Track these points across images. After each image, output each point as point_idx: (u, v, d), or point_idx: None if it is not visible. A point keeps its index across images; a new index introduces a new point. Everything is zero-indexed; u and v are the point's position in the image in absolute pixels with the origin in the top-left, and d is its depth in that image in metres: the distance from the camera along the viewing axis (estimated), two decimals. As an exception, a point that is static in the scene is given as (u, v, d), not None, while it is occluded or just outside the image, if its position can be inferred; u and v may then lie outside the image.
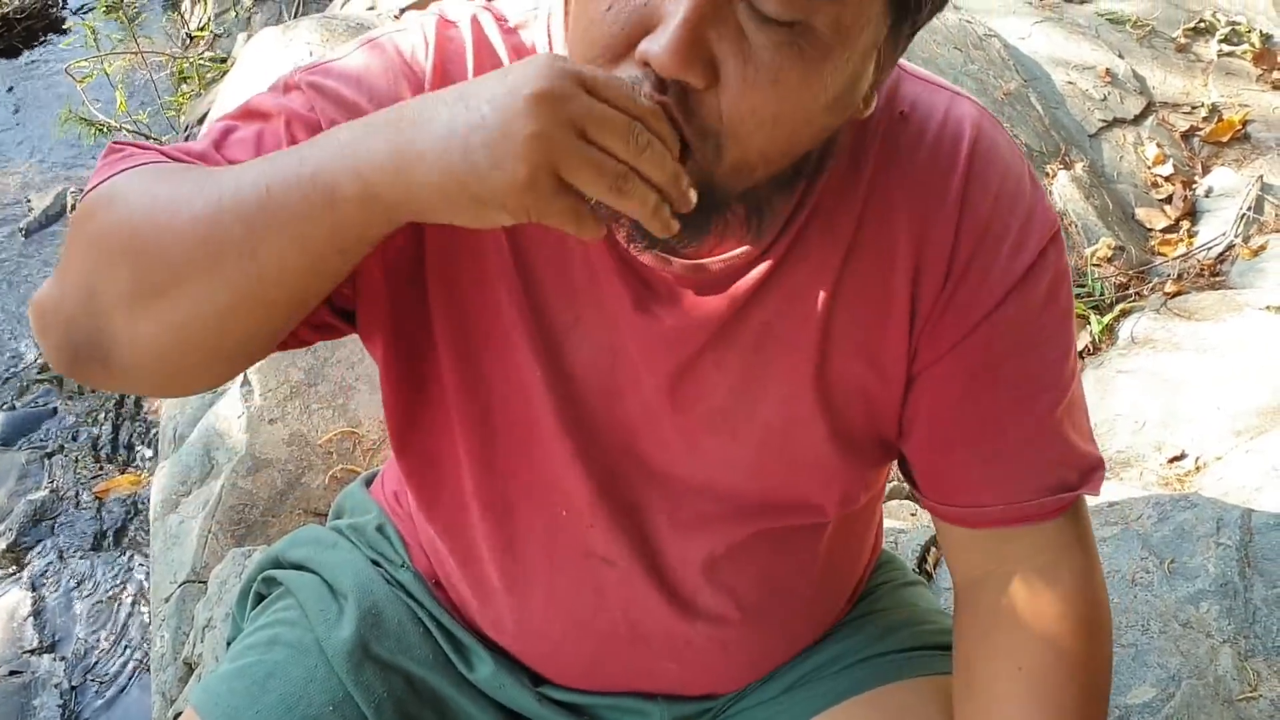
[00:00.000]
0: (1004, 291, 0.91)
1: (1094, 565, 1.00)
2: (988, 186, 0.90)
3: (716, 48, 0.73)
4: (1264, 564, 1.72)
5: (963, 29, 3.35)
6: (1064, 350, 0.95)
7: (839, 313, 0.92)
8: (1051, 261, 0.92)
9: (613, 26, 0.75)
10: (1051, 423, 0.95)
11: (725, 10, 0.73)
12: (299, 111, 0.86)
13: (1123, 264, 2.90)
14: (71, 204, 4.08)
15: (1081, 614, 0.97)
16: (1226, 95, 3.50)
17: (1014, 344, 0.93)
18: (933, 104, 0.92)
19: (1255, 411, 2.30)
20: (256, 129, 0.86)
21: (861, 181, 0.90)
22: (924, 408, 0.96)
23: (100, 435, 3.18)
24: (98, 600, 2.68)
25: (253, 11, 4.81)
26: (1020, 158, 0.94)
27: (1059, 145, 3.14)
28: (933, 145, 0.90)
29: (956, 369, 0.93)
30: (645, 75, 0.74)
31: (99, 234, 0.79)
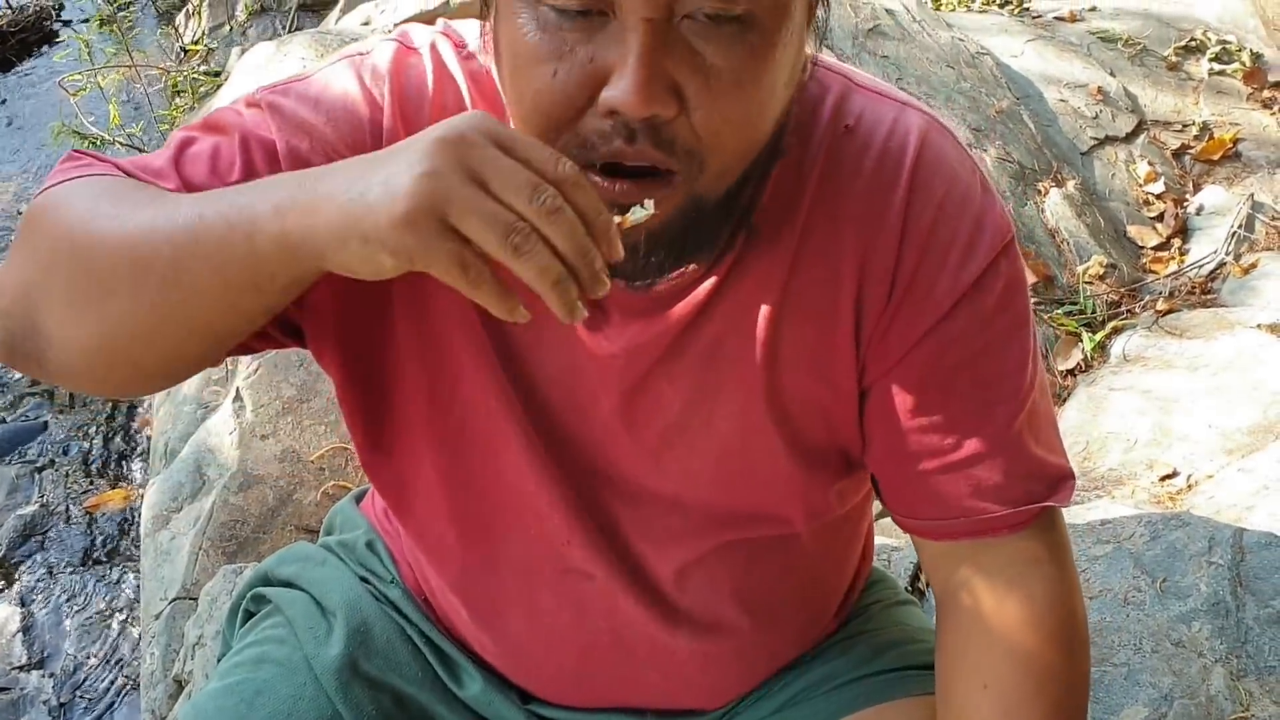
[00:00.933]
0: (952, 302, 0.90)
1: (1069, 577, 0.99)
2: (931, 196, 0.90)
3: (675, 74, 0.73)
4: (1256, 583, 1.72)
5: (955, 47, 3.37)
6: (1019, 361, 0.94)
7: (786, 327, 0.92)
8: (1003, 270, 0.91)
9: (565, 88, 0.75)
10: (1010, 435, 0.94)
11: (673, 35, 0.73)
12: (255, 131, 0.87)
13: (1114, 281, 2.91)
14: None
15: (1052, 627, 0.96)
16: (1217, 114, 3.51)
17: (966, 355, 0.92)
18: (879, 116, 0.92)
19: (1247, 430, 2.31)
20: (213, 143, 0.87)
21: (805, 196, 0.90)
22: (879, 421, 0.96)
23: (91, 450, 3.17)
24: (87, 616, 2.67)
25: (247, 26, 4.82)
26: (971, 166, 0.93)
27: (1051, 163, 3.15)
28: (878, 158, 0.90)
29: (906, 382, 0.93)
30: (614, 126, 0.74)
31: (40, 237, 0.81)
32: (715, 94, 0.75)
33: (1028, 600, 0.96)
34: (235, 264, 0.73)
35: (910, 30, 3.39)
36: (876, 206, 0.90)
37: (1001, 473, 0.94)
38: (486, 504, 1.00)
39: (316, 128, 0.87)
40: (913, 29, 3.40)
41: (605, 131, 0.75)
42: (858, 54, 3.21)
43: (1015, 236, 0.94)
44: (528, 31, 0.75)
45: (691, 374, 0.93)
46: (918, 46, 3.32)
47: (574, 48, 0.74)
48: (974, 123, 3.11)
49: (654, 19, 0.72)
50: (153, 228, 0.75)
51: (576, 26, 0.74)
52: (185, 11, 5.09)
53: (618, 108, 0.73)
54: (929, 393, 0.93)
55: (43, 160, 4.47)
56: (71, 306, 0.78)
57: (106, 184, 0.82)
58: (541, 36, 0.75)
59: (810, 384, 0.95)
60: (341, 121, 0.88)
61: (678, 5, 0.72)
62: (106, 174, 0.84)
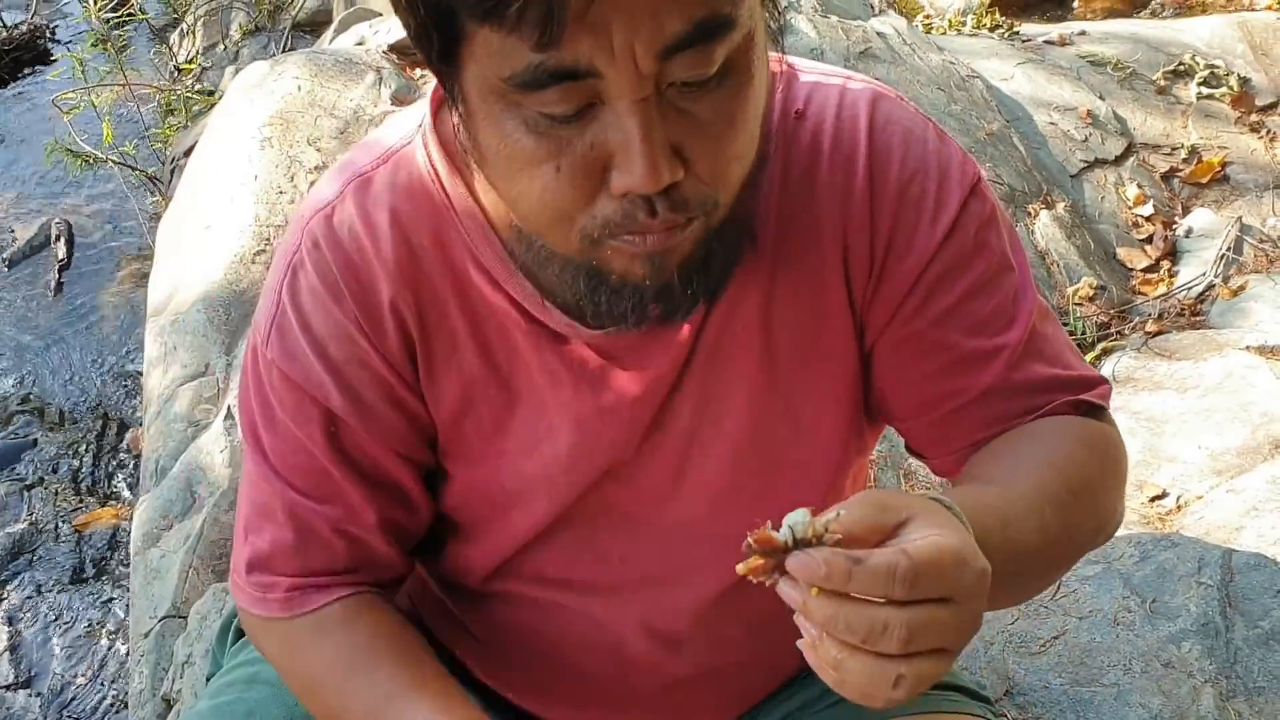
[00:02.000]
0: (931, 251, 0.93)
1: (1117, 432, 0.99)
2: (891, 158, 0.93)
3: (674, 138, 0.75)
4: (1245, 604, 1.73)
5: (946, 70, 3.39)
6: (1009, 293, 0.96)
7: (777, 314, 0.94)
8: (975, 211, 0.94)
9: (572, 181, 0.76)
10: (1014, 362, 0.94)
11: (664, 105, 0.74)
12: (297, 406, 0.95)
13: (1104, 303, 2.92)
14: (56, 234, 4.07)
15: (1091, 438, 0.95)
16: (1206, 137, 3.54)
17: (953, 298, 0.94)
18: (826, 94, 0.94)
19: (1236, 451, 2.32)
20: (283, 449, 0.97)
21: (770, 187, 0.92)
22: (889, 377, 0.98)
23: (81, 467, 3.17)
24: (76, 635, 2.66)
25: (241, 45, 4.84)
26: (922, 120, 0.96)
27: (1041, 185, 3.17)
28: (833, 135, 0.93)
29: (904, 333, 0.95)
30: (631, 203, 0.76)
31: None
32: (714, 142, 0.77)
33: (1073, 425, 0.95)
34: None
35: (901, 53, 3.42)
36: (842, 180, 0.92)
37: (1020, 400, 0.95)
38: (495, 553, 1.04)
39: (324, 350, 0.94)
40: (904, 52, 3.43)
41: (626, 209, 0.77)
42: (849, 76, 3.23)
43: (981, 175, 0.96)
44: (519, 137, 0.76)
45: (698, 378, 0.95)
46: (909, 69, 3.34)
47: (571, 141, 0.75)
48: (964, 145, 3.12)
49: (647, 98, 0.73)
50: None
51: (569, 122, 0.75)
52: (179, 31, 5.10)
53: (635, 191, 0.75)
54: (926, 339, 0.95)
55: (35, 178, 4.47)
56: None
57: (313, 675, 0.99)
58: (536, 139, 0.75)
59: (809, 364, 0.97)
60: (330, 336, 0.94)
61: (662, 77, 0.73)
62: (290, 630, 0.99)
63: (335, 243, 0.94)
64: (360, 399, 0.94)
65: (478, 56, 0.74)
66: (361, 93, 2.95)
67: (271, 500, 0.98)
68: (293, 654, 0.99)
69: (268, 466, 0.98)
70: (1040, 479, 0.89)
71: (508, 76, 0.72)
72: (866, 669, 0.66)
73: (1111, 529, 1.00)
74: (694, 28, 0.71)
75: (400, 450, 0.97)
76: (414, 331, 0.94)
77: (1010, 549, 0.80)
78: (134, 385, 3.37)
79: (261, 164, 2.74)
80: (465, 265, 0.93)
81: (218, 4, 4.97)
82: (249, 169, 2.74)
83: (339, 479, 0.96)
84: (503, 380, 0.96)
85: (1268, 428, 2.34)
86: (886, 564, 0.65)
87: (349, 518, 0.97)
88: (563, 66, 0.71)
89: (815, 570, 0.65)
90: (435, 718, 0.91)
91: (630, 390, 0.95)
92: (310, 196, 0.98)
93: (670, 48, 0.71)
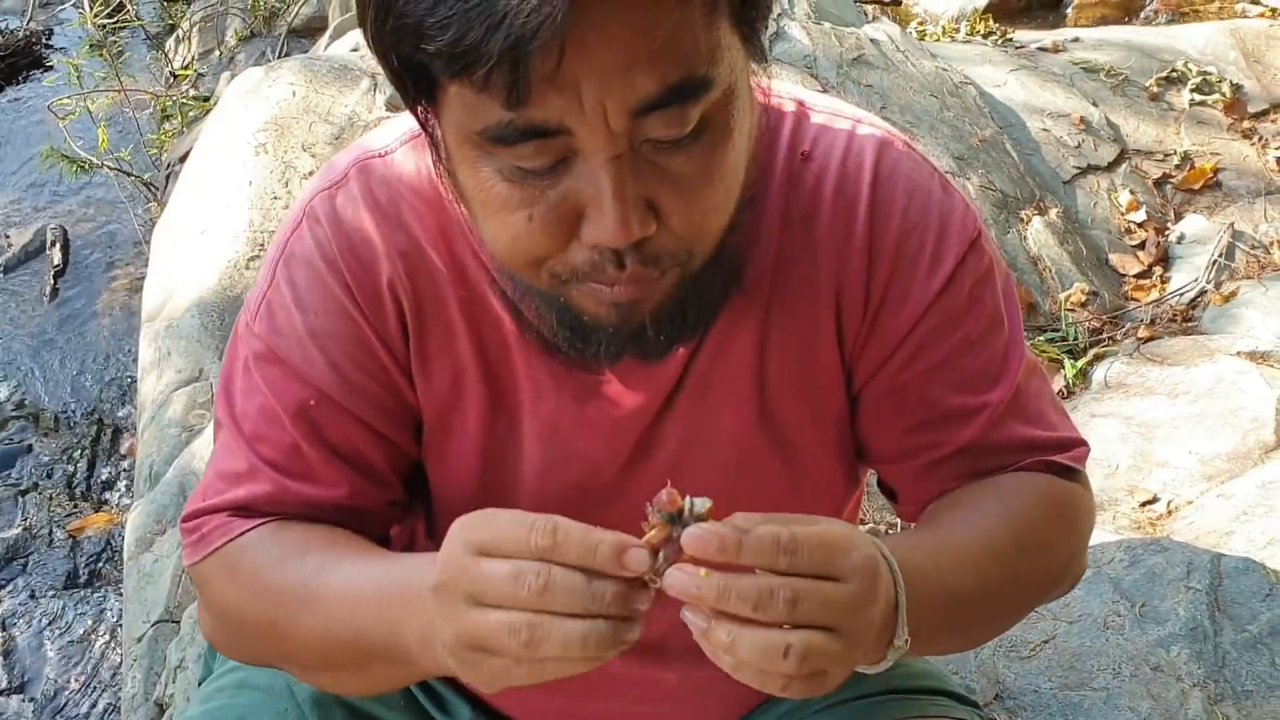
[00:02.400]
0: (925, 305, 0.93)
1: (1088, 493, 1.00)
2: (893, 209, 0.93)
3: (646, 193, 0.75)
4: (1233, 608, 1.73)
5: (939, 77, 3.40)
6: (998, 350, 0.96)
7: (770, 351, 0.95)
8: (972, 267, 0.94)
9: (544, 229, 0.77)
10: (995, 421, 0.95)
11: (637, 161, 0.74)
12: (276, 379, 0.95)
13: (1096, 309, 2.93)
14: (51, 239, 4.08)
15: (1053, 496, 0.96)
16: (1198, 144, 3.55)
17: (942, 353, 0.94)
18: (834, 138, 0.94)
19: (1226, 456, 2.33)
20: (257, 417, 0.96)
21: (771, 225, 0.92)
22: (871, 425, 0.98)
23: (75, 473, 3.17)
24: (69, 640, 2.66)
25: (236, 51, 4.84)
26: (929, 171, 0.96)
27: (1033, 191, 3.18)
28: (837, 179, 0.93)
29: (890, 384, 0.96)
30: (600, 255, 0.77)
31: (245, 633, 0.98)
32: (687, 197, 0.77)
33: (1038, 480, 0.97)
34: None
35: (894, 60, 3.43)
36: (843, 226, 0.92)
37: (998, 457, 0.96)
38: None
39: (312, 324, 0.93)
40: (897, 59, 3.44)
41: (595, 261, 0.77)
42: (842, 83, 3.25)
43: (982, 230, 0.96)
44: (493, 184, 0.76)
45: (685, 408, 0.96)
46: (902, 76, 3.35)
47: (544, 191, 0.76)
48: (957, 151, 3.14)
49: (620, 155, 0.73)
50: (326, 643, 0.88)
51: (544, 174, 0.75)
52: (175, 37, 5.11)
53: (604, 244, 0.76)
54: (910, 393, 0.95)
55: (30, 183, 4.48)
56: (305, 674, 0.96)
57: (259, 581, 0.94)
58: (510, 187, 0.76)
59: (801, 404, 0.97)
60: (321, 308, 0.93)
61: (635, 135, 0.73)
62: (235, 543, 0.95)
63: (337, 221, 0.93)
64: (347, 376, 0.94)
65: (453, 105, 0.74)
66: (356, 99, 2.96)
67: (237, 467, 0.96)
68: (230, 579, 0.95)
69: (239, 435, 0.96)
70: (988, 531, 0.91)
71: (480, 130, 0.73)
72: (757, 641, 0.69)
73: (1068, 584, 1.01)
74: (668, 90, 0.71)
75: (380, 429, 0.96)
76: (410, 317, 0.94)
77: (946, 593, 0.83)
78: (128, 390, 3.37)
79: (256, 169, 2.75)
80: (466, 259, 0.93)
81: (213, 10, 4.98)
82: (244, 174, 2.75)
83: (309, 454, 0.95)
84: (492, 379, 0.96)
85: (1258, 433, 2.35)
86: (771, 532, 0.69)
87: (316, 495, 0.96)
88: (533, 124, 0.71)
89: (709, 543, 0.68)
90: (357, 572, 0.88)
91: (613, 410, 0.95)
92: (311, 183, 0.98)
93: (643, 107, 0.71)
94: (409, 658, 0.82)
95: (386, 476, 0.98)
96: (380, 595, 0.84)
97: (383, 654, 0.84)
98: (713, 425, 0.96)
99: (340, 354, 0.94)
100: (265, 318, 0.95)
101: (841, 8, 4.07)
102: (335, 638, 0.87)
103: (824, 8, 3.81)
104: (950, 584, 0.85)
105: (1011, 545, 0.91)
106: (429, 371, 0.95)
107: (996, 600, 0.92)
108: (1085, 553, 1.02)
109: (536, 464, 0.97)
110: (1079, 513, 0.99)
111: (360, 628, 0.85)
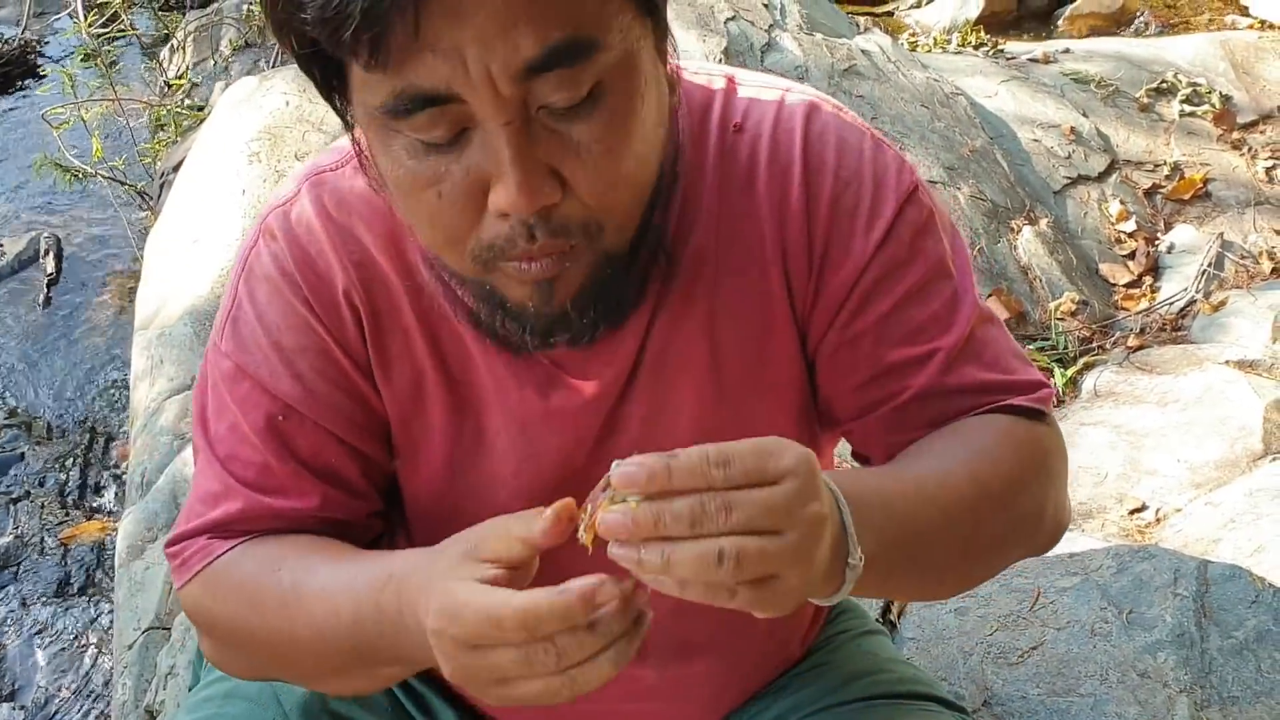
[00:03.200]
0: (867, 258, 0.94)
1: (1057, 435, 0.99)
2: (825, 167, 0.94)
3: (549, 160, 0.77)
4: (1220, 614, 1.74)
5: (930, 87, 3.42)
6: (946, 298, 0.96)
7: (723, 324, 0.96)
8: (910, 219, 0.95)
9: (454, 205, 0.79)
10: (948, 365, 0.95)
11: (536, 127, 0.76)
12: (245, 396, 0.96)
13: (1086, 318, 2.95)
14: (45, 248, 4.08)
15: (1016, 434, 0.95)
16: (1188, 154, 3.57)
17: (888, 304, 0.95)
18: (764, 108, 0.96)
19: (1214, 464, 2.34)
20: (229, 436, 0.97)
21: (710, 199, 0.94)
22: (830, 383, 0.99)
23: (68, 481, 3.17)
24: (60, 648, 2.66)
25: (231, 61, 4.85)
26: (859, 129, 0.97)
27: (1024, 201, 3.20)
28: (770, 146, 0.95)
29: (841, 339, 0.96)
30: (511, 226, 0.78)
31: (245, 652, 0.99)
32: (591, 166, 0.78)
33: (999, 425, 0.96)
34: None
35: (885, 71, 3.45)
36: (779, 190, 0.94)
37: (955, 405, 0.96)
38: None
39: (279, 343, 0.95)
40: (888, 69, 3.46)
41: (507, 234, 0.79)
42: (833, 93, 3.26)
43: (919, 183, 0.97)
44: (402, 161, 0.78)
45: (645, 393, 0.97)
46: (893, 87, 3.37)
47: (449, 167, 0.77)
48: (948, 161, 3.16)
49: (514, 121, 0.75)
50: (322, 643, 0.89)
51: (446, 149, 0.77)
52: (170, 46, 5.11)
53: (509, 210, 0.77)
54: (863, 345, 0.96)
55: (24, 192, 4.48)
56: (315, 682, 0.97)
57: (245, 596, 0.95)
58: (416, 164, 0.78)
59: (758, 371, 0.98)
60: (284, 328, 0.95)
61: (530, 100, 0.75)
62: (220, 566, 0.96)
63: (291, 236, 0.95)
64: (312, 388, 0.95)
65: (357, 87, 0.77)
66: (349, 108, 2.97)
67: (213, 488, 0.98)
68: (216, 599, 0.97)
69: (213, 457, 0.98)
70: (943, 466, 0.91)
71: (378, 105, 0.75)
72: (689, 553, 0.68)
73: (1046, 533, 0.99)
74: (551, 51, 0.72)
75: (349, 440, 0.97)
76: (367, 325, 0.95)
77: (896, 520, 0.83)
78: (121, 398, 3.37)
79: (249, 178, 2.76)
80: (417, 263, 0.95)
81: (208, 20, 4.99)
82: (237, 183, 2.76)
83: (279, 469, 0.96)
84: (452, 382, 0.97)
85: (1245, 441, 2.36)
86: (698, 452, 0.69)
87: (290, 509, 0.97)
88: (422, 92, 0.73)
89: (638, 475, 0.69)
90: (330, 577, 0.89)
91: (575, 398, 0.96)
92: (267, 200, 1.00)
93: (528, 69, 0.72)
94: (404, 643, 0.83)
95: (361, 488, 0.99)
96: (356, 594, 0.86)
97: (378, 643, 0.86)
98: (672, 402, 0.97)
99: (305, 366, 0.95)
100: (231, 335, 0.97)
101: (833, 19, 4.09)
102: (327, 638, 0.88)
103: (816, 19, 3.83)
104: (901, 511, 0.84)
105: (970, 481, 0.90)
106: (390, 378, 0.97)
107: (959, 538, 0.90)
108: (1064, 502, 1.01)
109: (510, 461, 0.98)
110: (1048, 453, 0.98)
111: (350, 619, 0.86)
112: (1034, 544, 1.00)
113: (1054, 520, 0.99)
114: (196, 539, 0.98)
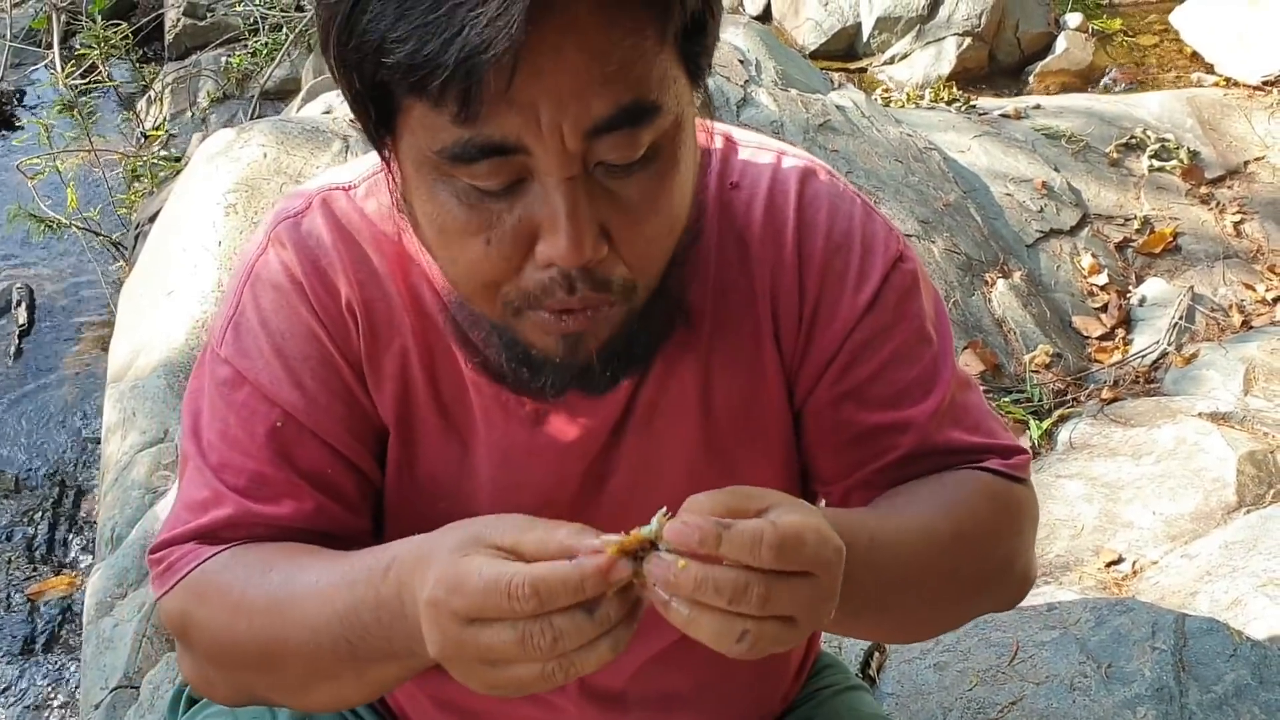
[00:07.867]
0: (854, 320, 0.96)
1: (1032, 495, 1.01)
2: (818, 229, 0.96)
3: (599, 217, 0.78)
4: (1198, 668, 1.74)
5: (904, 142, 3.46)
6: (928, 364, 0.98)
7: (715, 378, 0.97)
8: (896, 284, 0.97)
9: (501, 253, 0.79)
10: (931, 429, 0.97)
11: (591, 183, 0.77)
12: (243, 402, 0.95)
13: (1060, 370, 2.97)
14: (17, 299, 4.05)
15: (994, 489, 0.97)
16: (1157, 208, 3.62)
17: (874, 366, 0.97)
18: (760, 169, 0.98)
19: (1189, 516, 2.35)
20: (221, 443, 0.95)
21: (707, 255, 0.96)
22: (815, 442, 1.00)
23: (36, 535, 3.12)
24: (25, 706, 2.60)
25: (209, 112, 4.86)
26: (850, 195, 1.00)
27: (998, 255, 3.23)
28: (765, 206, 0.97)
29: (827, 397, 0.98)
30: (552, 276, 0.79)
31: (230, 662, 0.94)
32: (638, 225, 0.80)
33: (977, 480, 0.97)
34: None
35: (860, 126, 3.49)
36: (773, 247, 0.96)
37: (933, 461, 0.97)
38: None
39: (280, 347, 0.94)
40: (862, 124, 3.50)
41: (546, 284, 0.80)
42: (809, 148, 3.29)
43: (906, 250, 0.99)
44: (450, 207, 0.79)
45: (634, 438, 0.97)
46: (867, 141, 3.41)
47: (500, 215, 0.78)
48: (922, 215, 3.19)
49: (574, 176, 0.76)
50: (312, 641, 0.86)
51: (499, 196, 0.78)
52: (148, 98, 5.12)
53: (558, 263, 0.78)
54: (847, 406, 0.98)
55: (-2, 242, 4.46)
56: (302, 695, 0.94)
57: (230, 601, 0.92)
58: (467, 211, 0.78)
59: (747, 425, 0.99)
60: (288, 332, 0.95)
61: (589, 157, 0.76)
62: (207, 569, 0.93)
63: (302, 246, 0.95)
64: (314, 397, 0.95)
65: (412, 128, 0.77)
66: (327, 160, 2.98)
67: (202, 496, 0.96)
68: (201, 605, 0.94)
69: (205, 465, 0.96)
70: (926, 515, 0.92)
71: (439, 149, 0.75)
72: (717, 626, 0.70)
73: (1012, 587, 1.01)
74: (620, 111, 0.74)
75: (347, 453, 0.97)
76: (363, 337, 0.95)
77: (878, 569, 0.84)
78: (93, 452, 3.34)
79: (225, 230, 2.75)
80: (422, 289, 0.95)
81: (186, 72, 5.01)
82: (213, 235, 2.75)
83: (273, 476, 0.95)
84: (444, 408, 0.97)
85: (1220, 494, 2.38)
86: (754, 529, 0.70)
87: (280, 517, 0.95)
88: (491, 142, 0.74)
89: (690, 535, 0.69)
90: (325, 571, 0.87)
91: (562, 437, 0.96)
92: (275, 209, 0.99)
93: (596, 129, 0.74)
94: (401, 635, 0.81)
95: (354, 500, 0.98)
96: (353, 584, 0.84)
97: (372, 638, 0.84)
98: (661, 454, 0.98)
99: (308, 374, 0.95)
100: (232, 341, 0.96)
101: (808, 75, 4.14)
102: (319, 631, 0.86)
103: (791, 74, 3.88)
104: (882, 560, 0.85)
105: (950, 530, 0.92)
106: (383, 393, 0.97)
107: (935, 586, 0.92)
108: (1032, 558, 1.03)
109: (490, 491, 0.98)
110: (1021, 509, 1.00)
111: (344, 607, 0.84)
112: (1003, 597, 1.02)
113: (1022, 575, 1.02)
114: (182, 545, 0.96)
